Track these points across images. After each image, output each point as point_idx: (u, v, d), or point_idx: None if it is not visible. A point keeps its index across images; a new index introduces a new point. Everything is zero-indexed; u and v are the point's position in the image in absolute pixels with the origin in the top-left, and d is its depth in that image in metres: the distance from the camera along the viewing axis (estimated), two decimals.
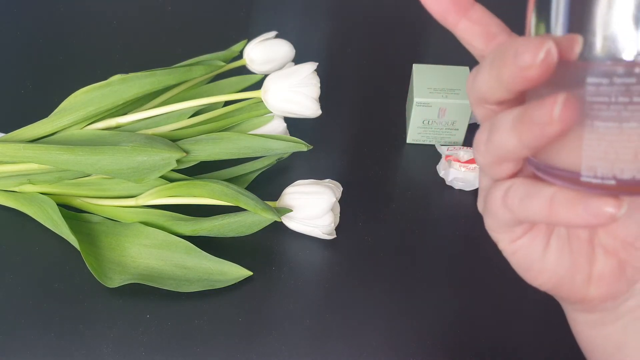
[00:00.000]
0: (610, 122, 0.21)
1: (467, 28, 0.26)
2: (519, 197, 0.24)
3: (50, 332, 0.46)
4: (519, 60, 0.21)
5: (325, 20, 0.72)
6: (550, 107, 0.21)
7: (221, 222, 0.49)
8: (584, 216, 0.22)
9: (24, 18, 0.71)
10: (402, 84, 0.62)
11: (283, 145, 0.51)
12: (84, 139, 0.51)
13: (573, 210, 0.22)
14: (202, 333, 0.46)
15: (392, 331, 0.47)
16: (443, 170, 0.55)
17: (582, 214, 0.22)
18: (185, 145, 0.51)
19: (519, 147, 0.23)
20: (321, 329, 0.47)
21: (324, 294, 0.49)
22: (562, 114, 0.21)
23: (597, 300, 0.29)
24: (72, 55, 0.67)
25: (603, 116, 0.21)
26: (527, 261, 0.28)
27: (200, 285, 0.48)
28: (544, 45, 0.21)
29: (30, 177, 0.52)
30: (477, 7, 0.26)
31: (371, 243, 0.52)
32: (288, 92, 0.51)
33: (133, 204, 0.52)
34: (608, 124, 0.21)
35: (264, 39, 0.56)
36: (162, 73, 0.52)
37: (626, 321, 0.29)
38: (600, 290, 0.28)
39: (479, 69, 0.24)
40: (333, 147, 0.59)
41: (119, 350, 0.45)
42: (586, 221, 0.22)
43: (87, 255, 0.48)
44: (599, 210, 0.22)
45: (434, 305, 0.48)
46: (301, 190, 0.49)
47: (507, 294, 0.49)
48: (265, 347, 0.46)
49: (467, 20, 0.26)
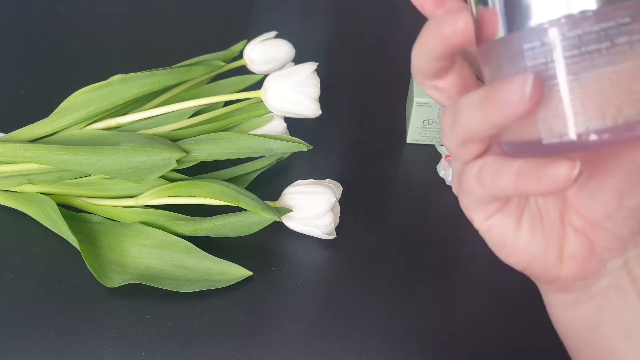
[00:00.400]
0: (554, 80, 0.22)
1: None
2: (491, 172, 0.25)
3: (50, 332, 0.46)
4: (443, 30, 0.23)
5: (325, 20, 0.72)
6: (520, 86, 0.21)
7: (221, 222, 0.49)
8: (545, 182, 0.23)
9: (24, 18, 0.71)
10: (402, 84, 0.62)
11: (283, 145, 0.51)
12: (84, 139, 0.51)
13: (536, 178, 0.23)
14: (202, 333, 0.46)
15: (392, 331, 0.47)
16: (443, 170, 0.55)
17: (544, 180, 0.23)
18: (185, 145, 0.51)
19: (485, 127, 0.24)
20: (321, 329, 0.47)
21: (324, 294, 0.49)
22: (532, 92, 0.21)
23: (570, 279, 0.29)
24: (72, 55, 0.67)
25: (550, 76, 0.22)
26: (501, 238, 0.29)
27: (200, 285, 0.48)
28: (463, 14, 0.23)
29: (30, 177, 0.52)
30: None
31: (371, 243, 0.52)
32: (288, 92, 0.51)
33: (133, 204, 0.52)
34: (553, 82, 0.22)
35: (264, 39, 0.55)
36: (162, 73, 0.52)
37: (599, 301, 0.30)
38: (572, 269, 0.29)
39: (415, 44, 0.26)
40: (333, 147, 0.59)
41: (119, 350, 0.45)
42: (547, 187, 0.23)
43: (87, 255, 0.48)
44: (556, 173, 0.22)
45: (434, 305, 0.48)
46: (301, 190, 0.49)
47: (507, 294, 0.49)
48: (265, 347, 0.46)
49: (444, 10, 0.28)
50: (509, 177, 0.24)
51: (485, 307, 0.48)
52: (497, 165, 0.25)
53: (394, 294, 0.49)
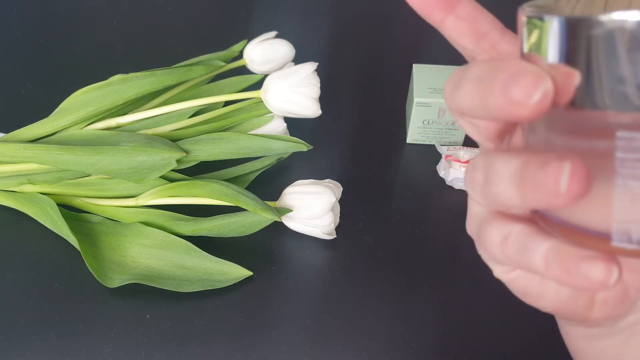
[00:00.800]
0: None
1: (454, 26, 0.23)
2: (516, 248, 0.22)
3: (50, 332, 0.46)
4: (509, 93, 0.19)
5: (325, 20, 0.72)
6: (555, 175, 0.18)
7: (221, 222, 0.49)
8: (575, 279, 0.20)
9: (24, 18, 0.71)
10: (402, 84, 0.62)
11: (283, 145, 0.51)
12: (84, 139, 0.51)
13: (566, 272, 0.20)
14: (202, 333, 0.46)
15: (392, 331, 0.47)
16: (443, 170, 0.55)
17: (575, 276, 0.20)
18: (185, 145, 0.51)
19: (522, 204, 0.20)
20: (321, 329, 0.47)
21: (324, 294, 0.49)
22: (569, 187, 0.18)
23: (600, 320, 0.28)
24: (72, 55, 0.67)
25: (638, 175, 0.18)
26: (526, 289, 0.26)
27: (200, 285, 0.48)
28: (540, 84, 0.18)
29: (30, 177, 0.52)
30: (466, 2, 0.23)
31: (371, 243, 0.52)
32: (288, 92, 0.51)
33: (133, 204, 0.52)
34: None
35: (264, 39, 0.56)
36: (162, 73, 0.52)
37: (625, 336, 0.28)
38: (603, 312, 0.27)
39: (461, 81, 0.21)
40: (333, 147, 0.59)
41: (119, 350, 0.45)
42: (576, 284, 0.20)
43: (87, 255, 0.48)
44: (591, 274, 0.20)
45: (434, 305, 0.48)
46: (301, 190, 0.49)
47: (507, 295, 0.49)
48: (265, 347, 0.46)
49: (454, 18, 0.23)
50: (537, 261, 0.21)
51: (486, 307, 0.48)
52: (525, 242, 0.22)
53: (394, 294, 0.49)
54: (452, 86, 0.22)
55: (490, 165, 0.21)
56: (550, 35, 0.19)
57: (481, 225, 0.24)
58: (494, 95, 0.19)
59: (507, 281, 0.26)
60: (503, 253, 0.23)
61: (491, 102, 0.19)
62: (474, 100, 0.20)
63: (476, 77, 0.20)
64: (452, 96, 0.22)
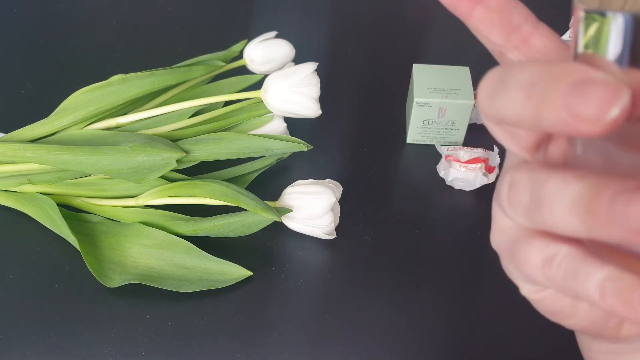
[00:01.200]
0: None
1: (483, 17, 0.21)
2: (563, 274, 0.19)
3: (50, 332, 0.46)
4: (575, 108, 0.16)
5: (325, 20, 0.72)
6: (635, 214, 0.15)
7: (221, 222, 0.49)
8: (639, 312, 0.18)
9: (24, 18, 0.71)
10: (402, 84, 0.62)
11: (283, 145, 0.51)
12: (84, 139, 0.51)
13: (627, 305, 0.18)
14: (202, 333, 0.46)
15: (392, 332, 0.47)
16: (443, 170, 0.55)
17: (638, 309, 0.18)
18: (185, 145, 0.51)
19: (587, 234, 0.17)
20: (321, 329, 0.47)
21: (324, 294, 0.49)
22: None
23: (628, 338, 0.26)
24: (72, 55, 0.67)
25: None
26: (556, 309, 0.24)
27: (200, 285, 0.48)
28: (617, 98, 0.15)
29: (30, 177, 0.52)
30: None
31: (371, 243, 0.52)
32: (288, 92, 0.51)
33: (133, 204, 0.52)
34: None
35: (264, 39, 0.55)
36: (162, 73, 0.52)
37: None
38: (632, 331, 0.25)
39: (503, 85, 0.18)
40: (333, 147, 0.59)
41: (119, 350, 0.45)
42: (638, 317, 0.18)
43: (87, 255, 0.48)
44: None
45: (434, 305, 0.48)
46: (301, 190, 0.49)
47: (507, 295, 0.49)
48: (265, 347, 0.46)
49: (484, 8, 0.21)
50: (589, 290, 0.18)
51: (486, 307, 0.48)
52: (576, 268, 0.19)
53: (394, 294, 0.49)
54: (490, 90, 0.19)
55: (542, 187, 0.18)
56: (615, 33, 0.16)
57: (514, 242, 0.21)
58: (552, 107, 0.16)
59: (535, 300, 0.24)
60: (545, 276, 0.20)
61: (548, 115, 0.17)
62: (523, 110, 0.18)
63: (527, 83, 0.17)
64: (492, 103, 0.19)
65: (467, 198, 0.55)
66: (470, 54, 0.67)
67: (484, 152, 0.55)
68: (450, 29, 0.70)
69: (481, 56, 0.67)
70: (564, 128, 0.16)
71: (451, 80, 0.57)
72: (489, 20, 0.21)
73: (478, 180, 0.54)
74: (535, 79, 0.17)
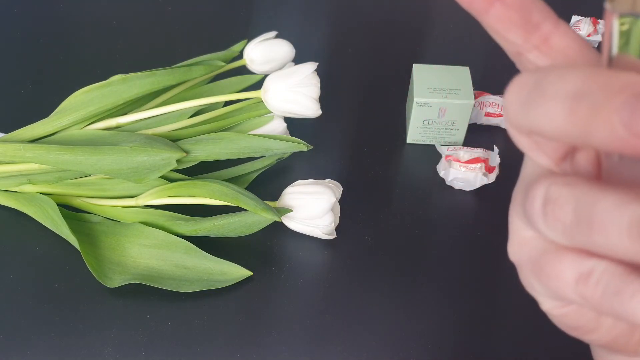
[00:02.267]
0: None
1: (501, 15, 0.20)
2: (603, 290, 0.18)
3: (50, 332, 0.46)
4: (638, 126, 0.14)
5: (325, 20, 0.72)
6: None
7: (221, 222, 0.49)
8: None
9: (24, 18, 0.71)
10: (402, 84, 0.62)
11: (283, 145, 0.51)
12: (84, 139, 0.51)
13: None
14: (202, 333, 0.46)
15: (392, 331, 0.47)
16: (443, 170, 0.55)
17: None
18: (185, 145, 0.51)
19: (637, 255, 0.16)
20: (321, 329, 0.47)
21: (324, 294, 0.49)
22: None
23: None
24: (72, 55, 0.67)
25: None
26: (578, 324, 0.22)
27: (200, 285, 0.48)
28: None
29: (30, 177, 0.52)
30: None
31: (371, 243, 0.52)
32: (288, 92, 0.51)
33: (133, 204, 0.52)
34: None
35: (264, 39, 0.55)
36: (162, 73, 0.52)
37: None
38: None
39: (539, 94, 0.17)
40: (333, 147, 0.59)
41: (119, 350, 0.45)
42: None
43: (87, 255, 0.48)
44: None
45: (434, 305, 0.48)
46: (301, 190, 0.49)
47: (507, 295, 0.49)
48: (265, 347, 0.46)
49: (502, 5, 0.20)
50: (634, 309, 0.17)
51: (485, 307, 0.48)
52: (617, 285, 0.17)
53: (394, 294, 0.49)
54: (522, 99, 0.17)
55: (592, 207, 0.17)
56: None
57: (541, 256, 0.20)
58: (605, 123, 0.15)
59: (557, 315, 0.22)
60: (578, 293, 0.18)
61: (599, 131, 0.15)
62: (566, 124, 0.16)
63: (571, 94, 0.16)
64: (524, 113, 0.17)
65: (467, 198, 0.55)
66: (470, 54, 0.67)
67: (484, 152, 0.55)
68: (450, 29, 0.70)
69: (481, 56, 0.68)
70: (619, 145, 0.15)
71: (451, 80, 0.57)
72: (507, 18, 0.20)
73: (478, 180, 0.54)
74: (582, 90, 0.16)
